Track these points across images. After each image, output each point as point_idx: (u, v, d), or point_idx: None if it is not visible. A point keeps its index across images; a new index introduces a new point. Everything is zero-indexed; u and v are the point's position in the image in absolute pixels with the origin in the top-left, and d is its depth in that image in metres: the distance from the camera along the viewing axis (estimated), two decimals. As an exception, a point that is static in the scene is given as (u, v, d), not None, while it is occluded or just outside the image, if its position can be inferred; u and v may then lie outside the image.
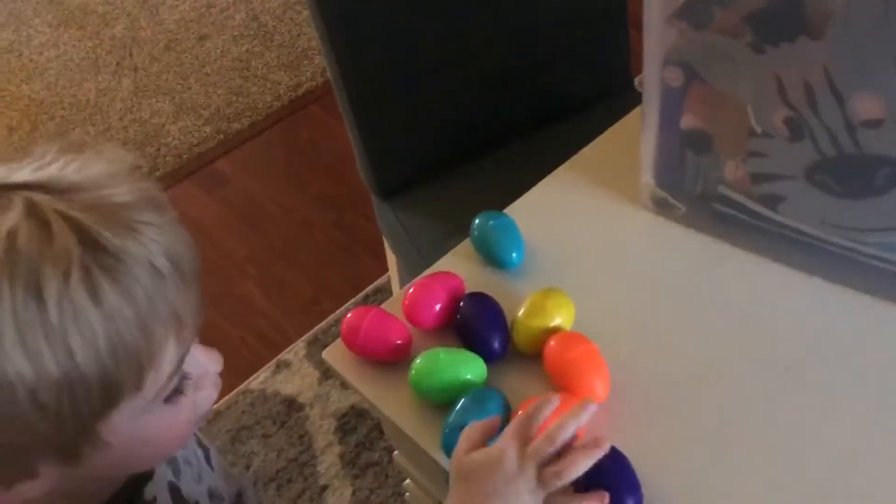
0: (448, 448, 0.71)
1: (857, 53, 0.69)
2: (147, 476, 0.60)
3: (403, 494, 1.51)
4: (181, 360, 0.51)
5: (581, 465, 0.63)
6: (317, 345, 1.74)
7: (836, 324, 0.80)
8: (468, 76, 1.31)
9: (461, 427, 0.70)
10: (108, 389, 0.47)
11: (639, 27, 0.80)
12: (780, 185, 0.80)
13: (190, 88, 2.41)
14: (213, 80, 2.43)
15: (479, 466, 0.64)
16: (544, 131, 1.38)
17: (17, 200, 0.45)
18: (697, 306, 0.83)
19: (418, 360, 0.76)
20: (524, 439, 0.64)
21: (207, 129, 2.29)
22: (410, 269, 1.33)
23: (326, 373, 1.67)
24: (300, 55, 2.48)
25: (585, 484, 0.68)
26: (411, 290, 0.82)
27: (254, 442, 1.59)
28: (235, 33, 2.58)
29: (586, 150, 1.01)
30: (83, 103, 2.41)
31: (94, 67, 2.53)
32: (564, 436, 0.64)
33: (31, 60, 2.58)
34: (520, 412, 0.69)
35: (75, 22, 2.71)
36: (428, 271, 0.88)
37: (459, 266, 0.88)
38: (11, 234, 0.43)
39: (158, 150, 2.24)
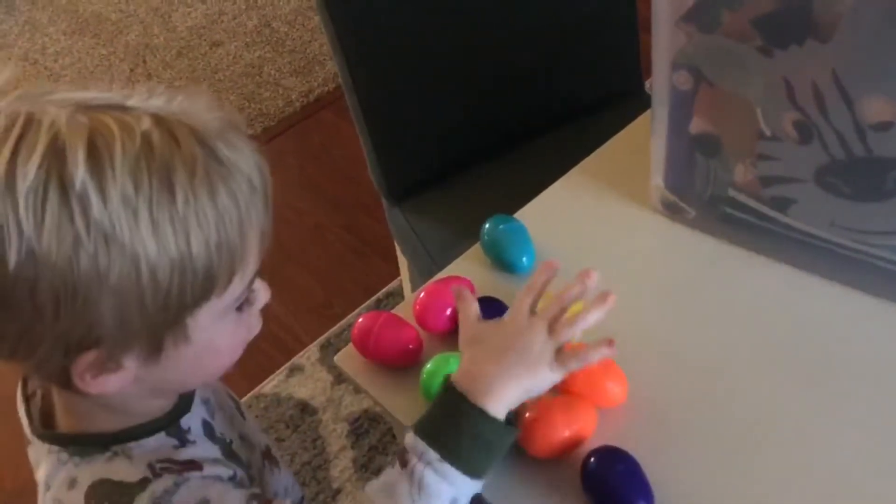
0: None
1: (866, 56, 0.69)
2: (184, 409, 0.66)
3: (416, 498, 1.51)
4: (257, 272, 0.59)
5: (592, 317, 0.67)
6: (329, 349, 1.75)
7: (848, 326, 0.80)
8: (478, 80, 1.32)
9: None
10: (208, 280, 0.54)
11: (649, 30, 0.80)
12: (789, 188, 0.80)
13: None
14: (225, 87, 2.44)
15: (491, 327, 0.69)
16: (554, 134, 1.38)
17: (146, 116, 0.52)
18: (708, 309, 0.83)
19: (429, 365, 0.76)
20: (533, 304, 0.69)
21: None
22: (421, 273, 1.33)
23: (339, 377, 1.68)
24: (312, 61, 2.49)
25: (597, 488, 0.68)
26: (422, 295, 0.83)
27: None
28: (247, 40, 2.59)
29: (596, 154, 1.02)
30: (97, 110, 2.43)
31: (108, 74, 2.55)
32: (570, 296, 0.69)
33: (45, 68, 2.61)
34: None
35: (89, 30, 2.74)
36: (438, 276, 0.88)
37: (470, 270, 0.88)
38: (146, 135, 0.50)
39: (172, 156, 2.26)
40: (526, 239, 0.88)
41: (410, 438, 0.63)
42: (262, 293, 0.63)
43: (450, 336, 0.82)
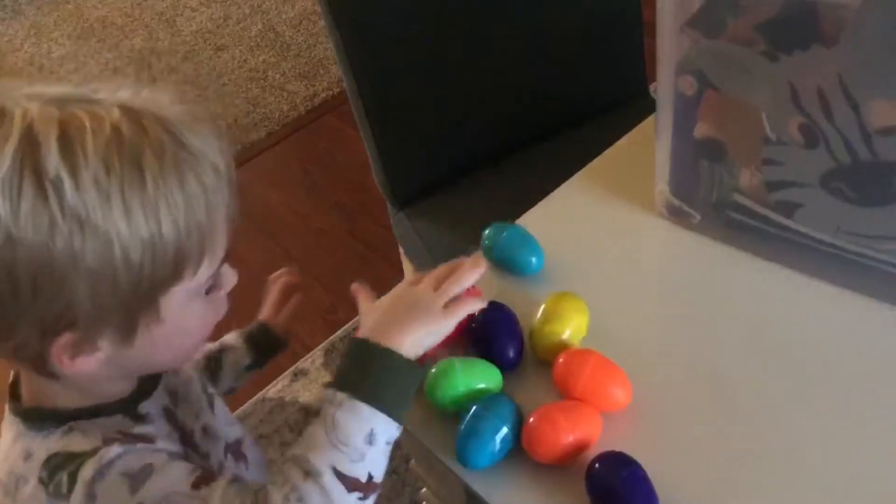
0: (462, 456, 0.71)
1: (871, 60, 0.69)
2: (144, 395, 0.68)
3: (420, 503, 1.51)
4: (225, 256, 0.62)
5: (472, 275, 0.73)
6: (334, 353, 1.75)
7: (853, 331, 0.79)
8: (483, 85, 1.32)
9: (474, 434, 0.70)
10: (178, 260, 0.57)
11: (654, 35, 0.80)
12: (795, 193, 0.80)
13: (207, 99, 2.43)
14: (230, 91, 2.45)
15: (384, 298, 0.74)
16: (559, 139, 1.38)
17: (114, 108, 0.55)
18: (712, 314, 0.83)
19: (433, 370, 0.76)
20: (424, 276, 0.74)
21: (224, 139, 2.31)
22: (426, 278, 1.33)
23: (343, 381, 1.68)
24: (316, 65, 2.50)
25: (602, 493, 0.68)
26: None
27: (272, 450, 1.60)
28: (252, 44, 2.60)
29: (601, 158, 1.02)
30: (102, 114, 2.44)
31: (114, 79, 2.55)
32: (458, 263, 0.74)
33: (51, 73, 2.62)
34: None
35: (95, 34, 2.74)
36: (443, 280, 0.88)
37: (474, 275, 0.88)
38: (116, 124, 0.54)
39: (177, 160, 2.27)
40: (532, 240, 0.88)
41: (322, 394, 0.64)
42: (230, 277, 0.66)
43: (455, 339, 0.82)
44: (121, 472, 0.59)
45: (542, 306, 0.80)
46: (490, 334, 0.80)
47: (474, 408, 0.72)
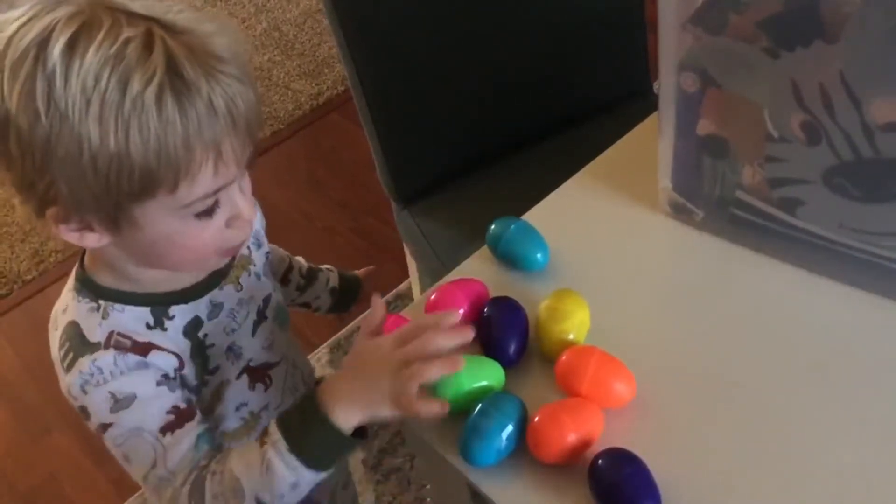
0: (467, 453, 0.71)
1: (874, 57, 0.69)
2: (179, 299, 0.75)
3: (425, 500, 1.51)
4: (217, 190, 0.66)
5: (435, 372, 0.66)
6: (339, 351, 1.75)
7: (856, 328, 0.79)
8: (486, 82, 1.32)
9: (480, 432, 0.71)
10: (146, 180, 0.61)
11: (656, 32, 0.80)
12: (797, 190, 0.80)
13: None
14: (235, 90, 2.45)
15: (366, 347, 0.72)
16: (562, 136, 1.39)
17: (142, 27, 0.60)
18: (715, 310, 0.83)
19: (437, 369, 0.76)
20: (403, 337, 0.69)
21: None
22: (430, 274, 1.34)
23: (348, 379, 1.68)
24: (320, 64, 2.50)
25: (604, 490, 0.68)
26: (434, 296, 0.83)
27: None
28: (257, 43, 2.60)
29: (604, 155, 1.02)
30: (108, 114, 2.44)
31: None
32: (432, 337, 0.68)
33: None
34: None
35: (100, 34, 2.75)
36: (449, 276, 0.89)
37: (481, 270, 0.88)
38: (124, 43, 0.59)
39: (182, 159, 2.27)
40: (537, 236, 0.88)
41: (272, 425, 0.69)
42: (243, 208, 0.69)
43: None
44: (110, 389, 0.68)
45: (546, 303, 0.80)
46: (493, 330, 0.80)
47: (480, 405, 0.72)
